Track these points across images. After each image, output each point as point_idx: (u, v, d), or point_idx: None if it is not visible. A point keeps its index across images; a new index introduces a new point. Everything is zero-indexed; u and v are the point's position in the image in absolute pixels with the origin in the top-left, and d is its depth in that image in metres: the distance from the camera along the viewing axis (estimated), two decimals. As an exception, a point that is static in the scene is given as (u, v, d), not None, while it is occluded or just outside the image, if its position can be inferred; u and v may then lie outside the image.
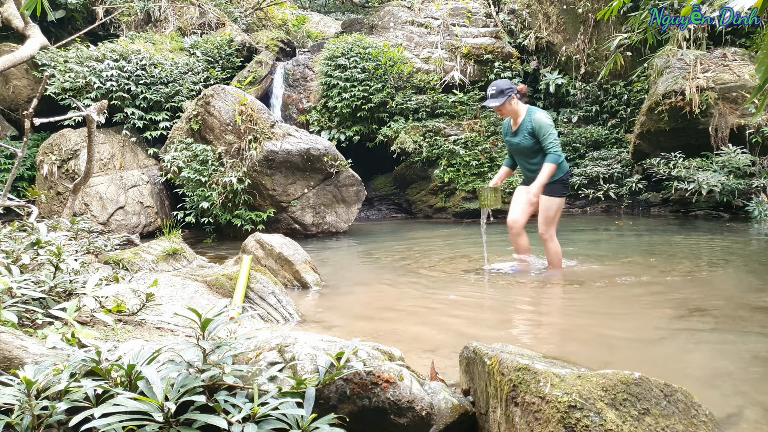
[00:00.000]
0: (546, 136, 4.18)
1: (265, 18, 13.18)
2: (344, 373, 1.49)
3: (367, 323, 3.27)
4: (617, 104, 11.49)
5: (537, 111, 4.29)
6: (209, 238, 7.70)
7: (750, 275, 4.37)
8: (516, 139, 4.40)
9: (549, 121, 4.22)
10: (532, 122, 4.24)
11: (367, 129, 10.41)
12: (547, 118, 4.24)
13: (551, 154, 4.17)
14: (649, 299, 3.69)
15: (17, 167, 4.43)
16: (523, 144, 4.35)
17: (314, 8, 18.34)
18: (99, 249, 3.67)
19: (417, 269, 5.01)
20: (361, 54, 10.38)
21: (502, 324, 3.20)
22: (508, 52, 11.55)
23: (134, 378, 1.38)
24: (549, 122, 4.21)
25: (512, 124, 4.45)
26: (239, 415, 1.31)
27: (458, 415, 1.68)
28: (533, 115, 4.26)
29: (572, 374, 1.41)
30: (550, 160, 4.18)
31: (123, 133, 8.70)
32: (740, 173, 8.56)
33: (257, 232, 4.70)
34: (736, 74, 8.66)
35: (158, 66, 9.19)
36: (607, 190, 10.30)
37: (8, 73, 8.99)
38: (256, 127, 7.61)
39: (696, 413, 1.39)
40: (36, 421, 1.31)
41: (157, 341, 1.94)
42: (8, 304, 1.95)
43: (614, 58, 6.59)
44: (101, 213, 7.66)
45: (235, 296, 3.15)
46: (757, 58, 2.57)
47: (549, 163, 4.17)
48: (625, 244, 6.42)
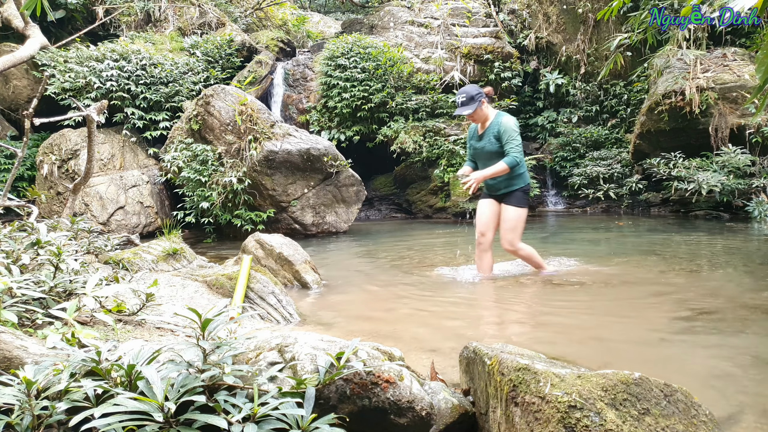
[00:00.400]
0: (509, 140, 4.08)
1: (265, 18, 13.18)
2: (344, 373, 1.49)
3: (367, 323, 3.27)
4: (617, 104, 11.49)
5: (505, 115, 4.21)
6: (209, 238, 7.70)
7: (750, 275, 4.37)
8: (481, 143, 4.28)
9: (516, 126, 4.14)
10: (499, 125, 4.15)
11: (367, 129, 10.41)
12: (515, 123, 4.17)
13: (510, 157, 4.06)
14: (649, 299, 3.69)
15: (17, 167, 4.43)
16: (487, 148, 4.22)
17: (314, 8, 18.34)
18: (99, 249, 3.67)
19: (417, 269, 5.01)
20: (361, 54, 10.38)
21: (502, 324, 3.20)
22: (508, 52, 11.55)
23: (134, 378, 1.38)
24: (515, 128, 4.13)
25: (479, 128, 4.35)
26: (239, 415, 1.31)
27: (458, 415, 1.68)
28: (501, 119, 4.17)
29: (572, 374, 1.41)
30: (507, 161, 4.06)
31: (123, 133, 8.70)
32: (740, 173, 8.56)
33: (257, 232, 4.70)
34: (736, 74, 8.66)
35: (158, 66, 9.19)
36: (607, 190, 10.29)
37: (8, 73, 8.99)
38: (256, 127, 7.61)
39: (696, 413, 1.39)
40: (36, 421, 1.31)
41: (157, 341, 1.94)
42: (8, 304, 1.95)
43: (614, 58, 6.59)
44: (101, 213, 7.66)
45: (235, 296, 3.15)
46: (757, 58, 2.57)
47: (505, 162, 4.06)
48: (625, 244, 6.42)
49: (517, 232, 4.25)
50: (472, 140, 4.42)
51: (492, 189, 4.38)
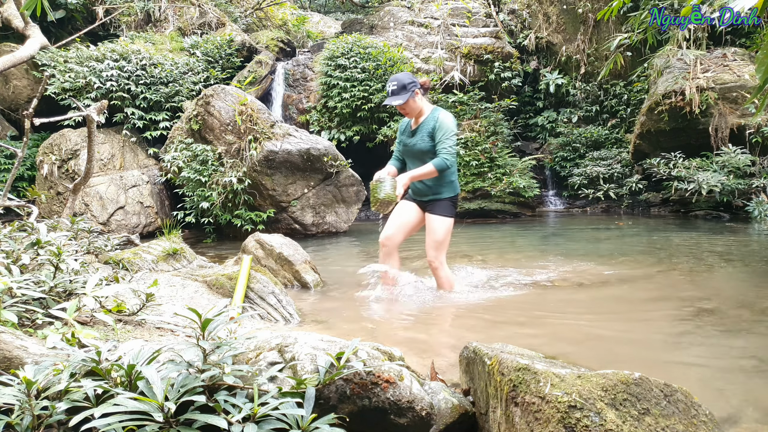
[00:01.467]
0: (443, 139, 3.58)
1: (265, 18, 13.18)
2: (344, 373, 1.49)
3: (367, 323, 3.27)
4: (617, 104, 11.49)
5: (443, 111, 3.73)
6: (209, 238, 7.70)
7: (750, 275, 4.37)
8: (413, 140, 3.77)
9: (454, 126, 3.65)
10: (435, 121, 3.65)
11: (367, 129, 10.41)
12: (453, 122, 3.66)
13: (440, 159, 3.56)
14: (649, 299, 3.69)
15: (17, 167, 4.43)
16: (419, 146, 3.71)
17: (314, 8, 18.34)
18: (99, 249, 3.67)
19: (417, 269, 5.01)
20: (361, 54, 10.39)
21: (502, 324, 3.20)
22: (508, 52, 11.55)
23: (134, 378, 1.38)
24: (453, 127, 3.63)
25: (413, 123, 3.85)
26: (239, 415, 1.31)
27: (458, 415, 1.68)
28: (438, 114, 3.68)
29: (572, 374, 1.41)
30: (435, 163, 3.55)
31: (123, 133, 8.70)
32: (740, 173, 8.56)
33: (257, 232, 4.70)
34: (736, 74, 8.66)
35: (158, 66, 9.19)
36: (607, 190, 10.30)
37: (8, 73, 8.99)
38: (256, 127, 7.61)
39: (696, 413, 1.39)
40: (36, 421, 1.31)
41: (157, 341, 1.94)
42: (8, 304, 1.95)
43: (614, 58, 6.59)
44: (101, 213, 7.66)
45: (235, 296, 3.15)
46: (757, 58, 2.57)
47: (433, 164, 3.56)
48: (625, 244, 6.42)
49: (444, 245, 3.81)
50: (403, 135, 3.90)
51: (418, 193, 3.89)
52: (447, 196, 3.78)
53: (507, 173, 10.06)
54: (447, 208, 3.79)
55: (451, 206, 3.81)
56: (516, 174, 10.09)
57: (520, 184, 9.81)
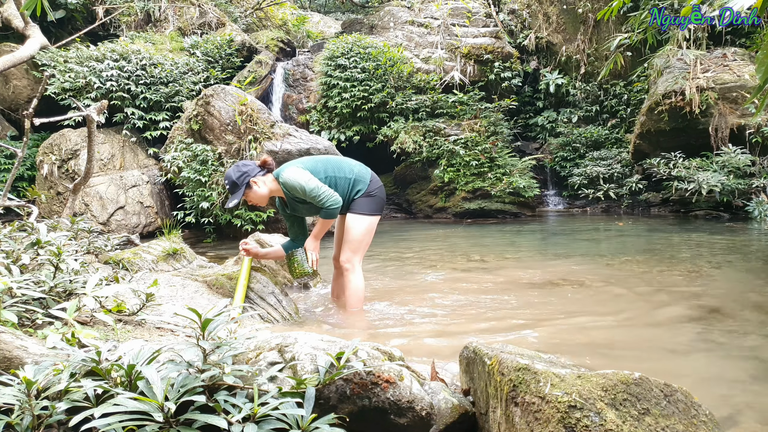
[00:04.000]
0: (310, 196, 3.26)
1: (265, 18, 13.18)
2: (344, 373, 1.49)
3: (367, 323, 3.27)
4: (617, 104, 11.49)
5: (283, 174, 3.32)
6: (209, 238, 7.70)
7: (751, 275, 4.37)
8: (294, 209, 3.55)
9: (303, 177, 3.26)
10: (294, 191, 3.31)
11: (367, 129, 10.41)
12: (296, 173, 3.28)
13: (324, 212, 3.30)
14: (649, 299, 3.69)
15: (17, 167, 4.43)
16: (301, 209, 3.51)
17: (314, 8, 18.34)
18: (99, 249, 3.67)
19: (417, 269, 5.01)
20: (361, 54, 10.39)
21: (502, 324, 3.20)
22: (508, 52, 11.55)
23: (134, 378, 1.38)
24: (299, 179, 3.24)
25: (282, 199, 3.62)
26: (239, 415, 1.31)
27: (458, 415, 1.68)
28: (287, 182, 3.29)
29: (572, 374, 1.41)
30: (324, 215, 3.32)
31: (123, 133, 8.70)
32: (740, 173, 8.56)
33: (257, 232, 4.70)
34: (736, 74, 8.66)
35: (158, 66, 9.19)
36: (607, 190, 10.30)
37: (8, 73, 8.99)
38: (256, 127, 7.61)
39: (696, 413, 1.39)
40: (36, 421, 1.31)
41: (157, 341, 1.94)
42: (8, 304, 1.95)
43: (614, 58, 6.59)
44: (101, 213, 7.66)
45: (235, 296, 3.15)
46: (757, 58, 2.57)
47: (323, 217, 3.35)
48: (625, 244, 6.41)
49: (361, 246, 3.48)
50: (284, 211, 3.66)
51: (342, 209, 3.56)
52: (360, 193, 3.47)
53: (507, 173, 10.07)
54: (363, 204, 3.46)
55: (369, 202, 3.46)
56: (516, 174, 10.10)
57: (520, 184, 9.81)
